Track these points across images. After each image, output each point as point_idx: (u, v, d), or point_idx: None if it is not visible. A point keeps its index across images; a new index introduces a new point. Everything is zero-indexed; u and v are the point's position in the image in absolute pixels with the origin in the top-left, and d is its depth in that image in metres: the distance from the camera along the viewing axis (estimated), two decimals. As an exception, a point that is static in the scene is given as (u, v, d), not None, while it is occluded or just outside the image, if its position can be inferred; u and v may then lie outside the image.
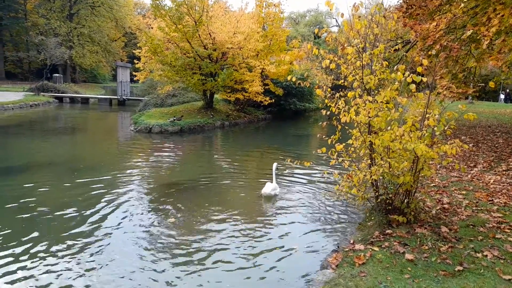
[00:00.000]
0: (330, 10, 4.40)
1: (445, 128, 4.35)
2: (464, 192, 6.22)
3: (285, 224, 5.74)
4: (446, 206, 5.47)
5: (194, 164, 10.41)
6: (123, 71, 29.07)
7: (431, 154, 4.20)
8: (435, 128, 4.34)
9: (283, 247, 4.90)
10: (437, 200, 5.76)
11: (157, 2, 16.04)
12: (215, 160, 11.14)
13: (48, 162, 9.48)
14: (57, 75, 33.35)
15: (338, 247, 4.57)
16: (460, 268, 3.54)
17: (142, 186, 7.56)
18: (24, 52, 40.14)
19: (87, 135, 15.16)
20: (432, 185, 6.76)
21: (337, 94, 5.07)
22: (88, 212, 5.90)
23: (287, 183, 8.04)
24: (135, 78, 21.68)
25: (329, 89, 5.13)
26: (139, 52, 19.54)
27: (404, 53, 13.74)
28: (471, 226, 4.61)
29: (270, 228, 5.55)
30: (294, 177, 8.56)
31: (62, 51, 34.14)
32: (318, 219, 5.94)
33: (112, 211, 6.03)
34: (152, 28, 19.64)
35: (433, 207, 5.35)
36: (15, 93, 27.49)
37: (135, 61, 20.35)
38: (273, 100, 20.86)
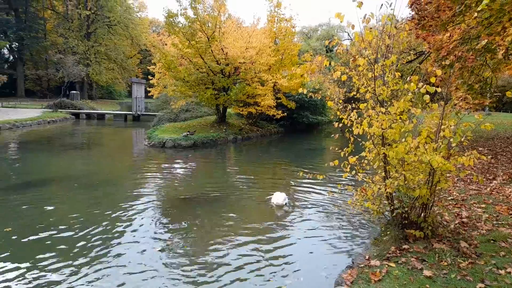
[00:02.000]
0: (341, 22, 4.38)
1: (462, 139, 4.24)
2: (483, 205, 6.02)
3: (298, 238, 5.62)
4: (465, 220, 5.29)
5: (208, 177, 10.39)
6: (138, 87, 29.57)
7: (448, 166, 4.08)
8: (451, 140, 4.23)
9: (296, 262, 4.78)
10: (456, 214, 5.58)
11: (171, 19, 16.35)
12: (228, 174, 11.10)
13: (63, 176, 9.61)
14: (74, 92, 34.13)
15: (353, 262, 4.43)
16: (482, 285, 3.38)
17: (156, 200, 7.56)
18: (43, 70, 41.33)
19: (101, 150, 15.35)
20: (450, 198, 6.57)
21: (349, 106, 5.01)
22: (103, 227, 5.92)
23: (300, 197, 7.92)
24: (149, 94, 21.99)
25: (340, 101, 5.08)
26: (153, 69, 19.89)
27: (418, 65, 13.59)
28: (492, 241, 4.43)
29: (282, 242, 5.44)
30: (307, 191, 8.44)
31: (80, 69, 35.06)
32: (332, 233, 5.80)
33: (128, 224, 6.05)
34: (166, 44, 20.01)
35: (451, 221, 5.18)
36: (33, 110, 28.20)
37: (150, 77, 20.72)
38: (286, 113, 20.84)
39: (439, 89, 4.28)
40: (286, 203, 7.15)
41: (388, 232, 4.94)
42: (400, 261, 4.07)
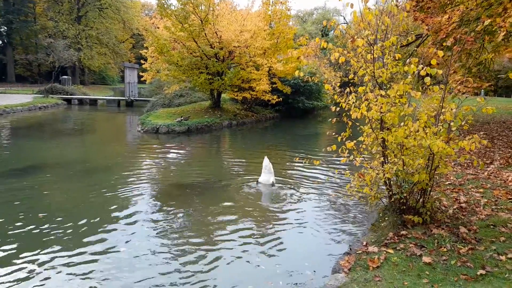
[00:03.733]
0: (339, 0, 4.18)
1: (463, 123, 4.12)
2: (481, 190, 5.95)
3: (294, 225, 5.52)
4: (463, 205, 5.22)
5: (201, 163, 10.25)
6: (130, 72, 29.08)
7: (448, 151, 3.96)
8: (452, 123, 4.11)
9: (291, 249, 4.70)
10: (454, 199, 5.50)
11: (163, 1, 15.92)
12: (222, 160, 10.97)
13: (55, 163, 9.41)
14: (65, 77, 33.53)
15: (350, 249, 4.34)
16: (483, 271, 3.30)
17: (149, 187, 7.41)
18: (33, 55, 40.50)
19: (94, 136, 15.12)
20: (447, 183, 6.50)
21: (347, 89, 4.86)
22: (97, 214, 5.78)
23: (296, 182, 7.83)
24: (142, 79, 21.63)
25: (338, 84, 4.93)
26: (146, 53, 19.48)
27: (415, 48, 13.39)
28: (491, 226, 4.36)
29: (278, 228, 5.35)
30: (303, 176, 8.34)
31: (71, 53, 34.34)
32: (328, 219, 5.72)
33: (122, 213, 5.90)
34: (158, 28, 19.56)
35: (449, 206, 5.11)
36: (24, 95, 27.70)
37: (142, 61, 20.30)
38: (281, 98, 20.61)
39: (440, 71, 4.13)
40: (272, 182, 7.35)
41: (386, 218, 4.86)
42: (399, 247, 3.99)
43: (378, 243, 4.27)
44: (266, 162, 7.41)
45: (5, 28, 43.13)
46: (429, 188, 4.57)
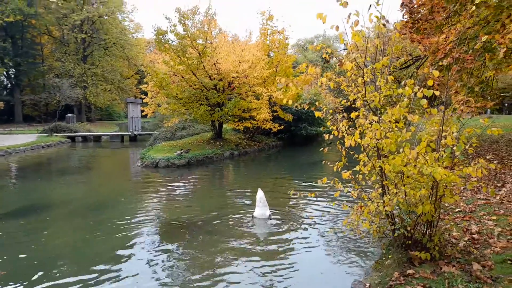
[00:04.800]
0: (323, 23, 3.94)
1: (467, 147, 3.75)
2: (494, 217, 5.47)
3: (292, 262, 5.08)
4: (475, 236, 4.74)
5: (201, 198, 9.87)
6: (133, 107, 29.29)
7: (453, 178, 3.58)
8: (455, 148, 3.75)
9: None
10: (465, 229, 5.03)
11: (160, 37, 16.09)
12: (223, 193, 10.57)
13: (49, 204, 9.11)
14: (70, 115, 33.89)
15: (351, 292, 3.90)
16: (503, 320, 2.84)
17: (144, 226, 7.00)
18: (38, 95, 41.27)
19: (95, 174, 14.87)
20: (456, 210, 6.03)
21: (339, 116, 4.55)
22: (99, 252, 5.72)
23: (294, 216, 7.39)
24: (143, 113, 21.68)
25: (331, 111, 4.63)
26: (146, 87, 19.59)
27: (415, 70, 13.18)
28: (508, 262, 3.88)
29: (275, 267, 4.90)
30: (302, 208, 7.91)
31: (76, 92, 34.87)
32: (328, 257, 5.26)
33: (123, 251, 5.74)
34: (158, 62, 19.77)
35: (460, 238, 4.64)
36: (29, 135, 27.87)
37: (143, 96, 20.40)
38: (283, 126, 20.40)
39: (437, 93, 3.82)
40: (269, 216, 7.02)
41: (390, 255, 4.39)
42: (405, 290, 3.53)
43: (382, 285, 3.82)
44: (260, 194, 7.04)
45: (13, 70, 44.27)
46: (436, 220, 4.14)
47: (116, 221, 7.33)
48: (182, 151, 15.80)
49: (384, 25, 3.87)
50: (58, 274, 4.88)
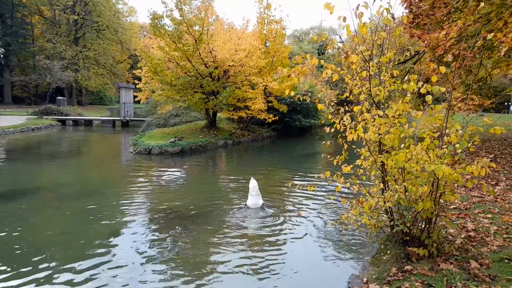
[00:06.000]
0: (331, 13, 3.85)
1: (469, 145, 3.73)
2: (489, 215, 5.51)
3: (288, 256, 5.06)
4: (472, 233, 4.77)
5: (194, 186, 9.80)
6: (126, 92, 28.87)
7: (455, 176, 3.55)
8: (457, 145, 3.72)
9: (284, 284, 4.22)
10: (461, 227, 5.06)
11: (156, 21, 15.78)
12: (215, 182, 10.51)
13: (37, 188, 8.95)
14: (60, 98, 33.33)
15: (349, 287, 3.89)
16: (502, 320, 2.84)
17: (136, 213, 6.92)
18: (28, 76, 40.40)
19: (85, 159, 14.65)
20: (452, 207, 6.06)
21: (342, 109, 4.48)
22: (88, 238, 5.65)
23: (288, 207, 7.37)
24: (136, 99, 21.38)
25: (332, 103, 4.55)
26: (140, 73, 19.28)
27: (412, 65, 13.16)
28: (505, 260, 3.90)
29: (270, 261, 4.87)
30: (297, 201, 7.89)
31: (67, 74, 34.22)
32: (325, 251, 5.25)
33: (113, 239, 5.68)
34: (152, 48, 19.43)
35: (457, 236, 4.65)
36: (18, 117, 27.38)
37: (137, 81, 20.09)
38: (278, 117, 20.33)
39: (442, 89, 3.77)
40: (262, 205, 7.00)
41: (388, 251, 4.39)
42: (403, 286, 3.53)
43: (380, 280, 3.82)
44: (253, 183, 6.97)
45: (3, 50, 43.17)
46: (434, 217, 4.14)
47: (108, 208, 7.24)
48: (176, 138, 15.65)
49: (393, 17, 3.79)
50: (47, 262, 4.79)
